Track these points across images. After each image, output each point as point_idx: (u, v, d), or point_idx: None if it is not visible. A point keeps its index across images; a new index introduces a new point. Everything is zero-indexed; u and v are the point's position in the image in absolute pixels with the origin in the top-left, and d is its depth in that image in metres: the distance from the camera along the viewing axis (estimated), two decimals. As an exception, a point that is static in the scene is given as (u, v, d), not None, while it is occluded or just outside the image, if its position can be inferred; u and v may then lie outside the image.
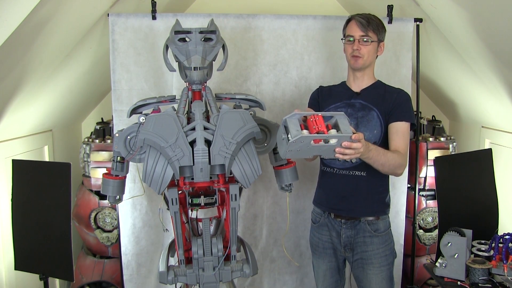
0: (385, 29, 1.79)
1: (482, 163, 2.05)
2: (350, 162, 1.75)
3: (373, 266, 1.77)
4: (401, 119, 1.73)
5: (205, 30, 1.51)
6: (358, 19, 1.73)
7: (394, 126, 1.73)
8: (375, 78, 1.85)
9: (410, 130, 1.77)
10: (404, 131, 1.73)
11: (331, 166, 1.81)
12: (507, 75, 1.91)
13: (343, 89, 1.85)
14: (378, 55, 1.80)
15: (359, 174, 1.76)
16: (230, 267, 1.65)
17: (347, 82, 1.87)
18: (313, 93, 1.94)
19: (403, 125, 1.73)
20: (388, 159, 1.62)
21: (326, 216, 1.84)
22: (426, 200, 2.52)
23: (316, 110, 1.86)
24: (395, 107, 1.74)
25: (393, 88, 1.83)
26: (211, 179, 1.52)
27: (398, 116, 1.73)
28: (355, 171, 1.76)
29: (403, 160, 1.69)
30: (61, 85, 2.40)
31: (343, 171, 1.78)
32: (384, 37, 1.79)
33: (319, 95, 1.89)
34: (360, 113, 1.76)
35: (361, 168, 1.75)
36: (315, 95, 1.92)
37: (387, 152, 1.63)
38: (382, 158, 1.59)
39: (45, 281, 1.97)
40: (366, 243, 1.77)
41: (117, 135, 1.63)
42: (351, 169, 1.77)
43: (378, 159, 1.58)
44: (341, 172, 1.78)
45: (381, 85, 1.84)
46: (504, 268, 1.66)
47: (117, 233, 2.41)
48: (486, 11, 1.70)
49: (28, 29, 1.68)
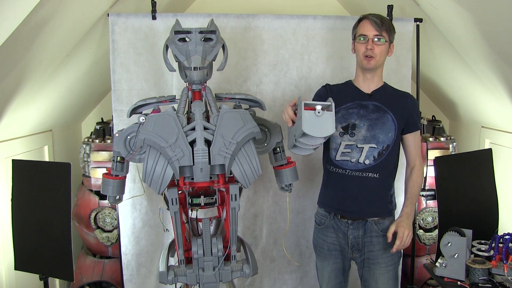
0: (395, 30, 1.76)
1: (482, 163, 2.05)
2: (363, 164, 1.73)
3: (379, 266, 1.76)
4: (415, 130, 1.79)
5: (205, 30, 1.51)
6: (372, 18, 1.70)
7: (411, 137, 1.79)
8: (383, 81, 1.83)
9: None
10: (418, 141, 1.82)
11: (342, 168, 1.76)
12: (507, 75, 1.91)
13: (353, 89, 1.81)
14: (388, 56, 1.78)
15: (372, 176, 1.74)
16: (230, 267, 1.65)
17: (355, 82, 1.82)
18: (320, 90, 1.87)
19: (416, 136, 1.81)
20: (418, 191, 1.82)
21: (332, 217, 1.81)
22: (426, 200, 2.52)
23: None
24: (410, 116, 1.77)
25: (401, 92, 1.82)
26: (211, 179, 1.52)
27: (412, 127, 1.78)
28: (368, 173, 1.74)
29: (421, 172, 1.83)
30: (61, 85, 2.40)
31: (356, 173, 1.75)
32: (394, 38, 1.76)
33: (328, 93, 1.82)
34: (374, 115, 1.73)
35: (374, 170, 1.73)
36: (322, 92, 1.85)
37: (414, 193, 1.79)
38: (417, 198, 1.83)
39: (45, 281, 1.97)
40: (373, 243, 1.77)
41: (117, 135, 1.64)
42: (364, 171, 1.74)
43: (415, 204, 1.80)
44: (354, 173, 1.75)
45: (389, 88, 1.82)
46: (504, 268, 1.66)
47: (117, 233, 2.40)
48: (486, 11, 1.70)
49: (28, 29, 1.68)
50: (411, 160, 1.82)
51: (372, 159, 1.73)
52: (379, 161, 1.73)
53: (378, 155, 1.73)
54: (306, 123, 1.37)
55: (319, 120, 1.38)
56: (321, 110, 1.38)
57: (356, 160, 1.74)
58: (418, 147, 1.82)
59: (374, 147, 1.73)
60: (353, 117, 1.75)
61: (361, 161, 1.73)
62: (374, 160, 1.73)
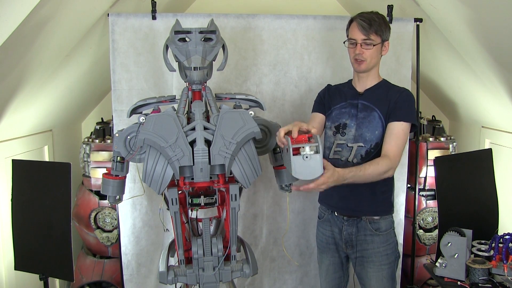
0: (389, 27, 1.74)
1: (482, 163, 2.05)
2: (351, 163, 1.75)
3: (373, 264, 1.77)
4: (398, 119, 1.69)
5: (205, 30, 1.51)
6: (359, 21, 1.69)
7: (390, 126, 1.70)
8: (380, 78, 1.82)
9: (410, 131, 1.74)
10: (398, 132, 1.69)
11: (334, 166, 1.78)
12: (507, 75, 1.91)
13: (349, 89, 1.84)
14: (382, 54, 1.77)
15: None
16: (230, 267, 1.65)
17: (353, 82, 1.86)
18: (321, 91, 1.91)
19: (399, 126, 1.69)
20: (366, 174, 1.59)
21: (330, 212, 1.85)
22: (426, 200, 2.52)
23: (321, 108, 1.86)
24: (394, 107, 1.71)
25: (397, 87, 1.80)
26: (211, 179, 1.52)
27: (395, 116, 1.70)
28: None
29: (389, 164, 1.64)
30: (61, 85, 2.40)
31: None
32: (389, 36, 1.75)
33: (327, 93, 1.87)
34: (362, 114, 1.76)
35: None
36: (323, 94, 1.89)
37: (365, 168, 1.59)
38: (361, 177, 1.58)
39: (45, 281, 1.97)
40: (367, 241, 1.78)
41: (117, 135, 1.63)
42: None
43: (357, 179, 1.58)
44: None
45: (385, 85, 1.81)
46: (504, 268, 1.66)
47: (117, 233, 2.40)
48: (486, 11, 1.70)
49: (28, 29, 1.68)
50: (384, 150, 1.68)
51: (359, 157, 1.75)
52: (367, 160, 1.71)
53: (365, 154, 1.75)
54: (295, 169, 1.40)
55: (307, 164, 1.40)
56: (308, 152, 1.39)
57: (346, 159, 1.77)
58: (395, 140, 1.68)
59: (362, 146, 1.75)
60: (345, 116, 1.78)
61: (350, 160, 1.76)
62: (362, 158, 1.74)
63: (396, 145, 1.68)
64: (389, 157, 1.65)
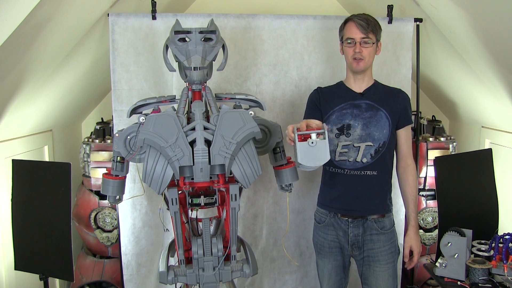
0: (381, 28, 1.79)
1: (482, 163, 2.05)
2: (361, 162, 1.76)
3: (380, 263, 1.78)
4: (407, 124, 1.82)
5: (205, 30, 1.51)
6: (357, 21, 1.72)
7: (403, 132, 1.82)
8: (373, 79, 1.85)
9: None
10: (407, 136, 1.84)
11: (341, 168, 1.79)
12: (507, 75, 1.91)
13: (345, 90, 1.83)
14: (376, 54, 1.80)
15: (370, 173, 1.77)
16: (230, 267, 1.65)
17: (347, 83, 1.85)
18: (312, 95, 1.89)
19: (408, 130, 1.83)
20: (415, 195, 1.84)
21: (332, 215, 1.83)
22: (426, 200, 2.52)
23: (316, 112, 1.84)
24: (402, 111, 1.79)
25: (392, 88, 1.85)
26: (211, 179, 1.52)
27: (404, 122, 1.81)
28: (367, 171, 1.76)
29: (415, 172, 1.86)
30: (61, 85, 2.40)
31: (355, 172, 1.77)
32: (381, 36, 1.80)
33: (320, 96, 1.85)
34: (368, 114, 1.76)
35: (372, 168, 1.76)
36: (314, 97, 1.88)
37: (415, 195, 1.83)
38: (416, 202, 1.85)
39: (45, 281, 1.97)
40: (373, 240, 1.78)
41: (117, 135, 1.63)
42: (362, 169, 1.77)
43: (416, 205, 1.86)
44: (353, 172, 1.77)
45: (380, 86, 1.85)
46: (504, 268, 1.66)
47: (117, 233, 2.40)
48: (486, 11, 1.70)
49: (28, 29, 1.68)
50: (403, 156, 1.84)
51: (369, 157, 1.76)
52: (377, 158, 1.76)
53: (375, 153, 1.76)
54: (300, 155, 1.41)
55: (313, 150, 1.41)
56: (315, 139, 1.41)
57: (353, 159, 1.76)
58: (409, 143, 1.85)
59: (371, 145, 1.75)
60: (347, 117, 1.78)
61: (359, 159, 1.76)
62: (372, 157, 1.76)
63: (409, 148, 1.85)
64: (411, 167, 1.84)
